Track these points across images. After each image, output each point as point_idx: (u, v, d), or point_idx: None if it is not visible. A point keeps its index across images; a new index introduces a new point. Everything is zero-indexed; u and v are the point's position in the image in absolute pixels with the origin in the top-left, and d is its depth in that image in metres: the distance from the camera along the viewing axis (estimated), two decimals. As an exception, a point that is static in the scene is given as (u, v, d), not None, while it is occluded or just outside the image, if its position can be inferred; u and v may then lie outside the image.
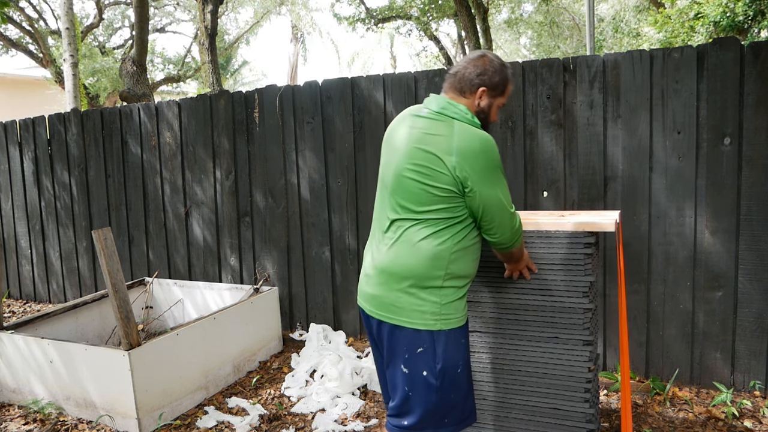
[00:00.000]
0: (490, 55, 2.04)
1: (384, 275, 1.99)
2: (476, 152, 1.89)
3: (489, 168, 1.91)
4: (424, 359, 1.98)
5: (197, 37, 13.03)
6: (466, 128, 1.93)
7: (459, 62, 2.07)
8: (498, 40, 21.15)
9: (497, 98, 2.04)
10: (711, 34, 7.97)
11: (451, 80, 2.04)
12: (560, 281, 2.29)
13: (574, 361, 2.30)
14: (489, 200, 1.93)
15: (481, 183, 1.90)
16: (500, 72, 2.02)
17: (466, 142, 1.90)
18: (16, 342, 3.39)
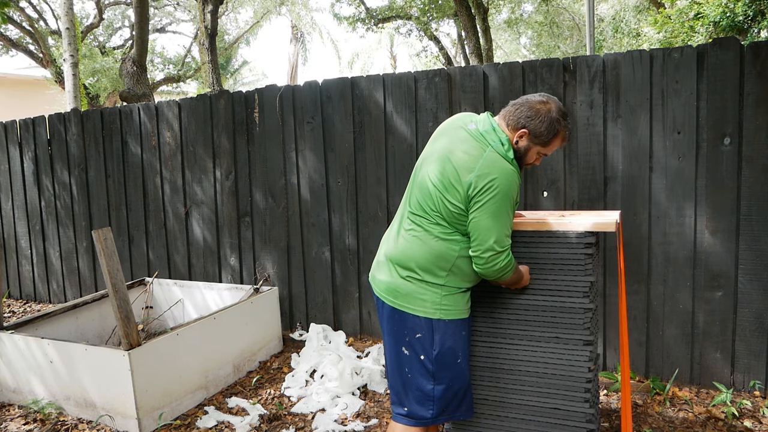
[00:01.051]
0: (552, 104, 2.08)
1: (393, 263, 2.14)
2: (491, 180, 1.97)
3: (497, 199, 1.97)
4: (421, 344, 2.10)
5: (197, 37, 13.03)
6: (495, 157, 2.01)
7: (529, 96, 2.13)
8: (498, 40, 21.15)
9: (538, 146, 2.09)
10: (711, 34, 7.97)
11: (509, 109, 2.12)
12: (560, 281, 2.29)
13: (574, 361, 2.30)
14: (483, 230, 2.00)
15: (483, 210, 1.98)
16: (550, 124, 2.05)
17: (487, 169, 1.99)
18: (16, 342, 3.39)
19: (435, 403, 2.13)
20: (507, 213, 2.02)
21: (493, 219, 1.99)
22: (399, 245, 2.14)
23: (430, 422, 2.16)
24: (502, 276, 2.09)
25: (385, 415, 3.14)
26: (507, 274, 2.09)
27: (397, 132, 3.86)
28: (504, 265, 2.06)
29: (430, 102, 3.72)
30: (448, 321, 2.10)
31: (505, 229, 2.03)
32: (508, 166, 2.01)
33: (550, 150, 2.12)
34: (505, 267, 2.06)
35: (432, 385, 2.11)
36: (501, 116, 2.13)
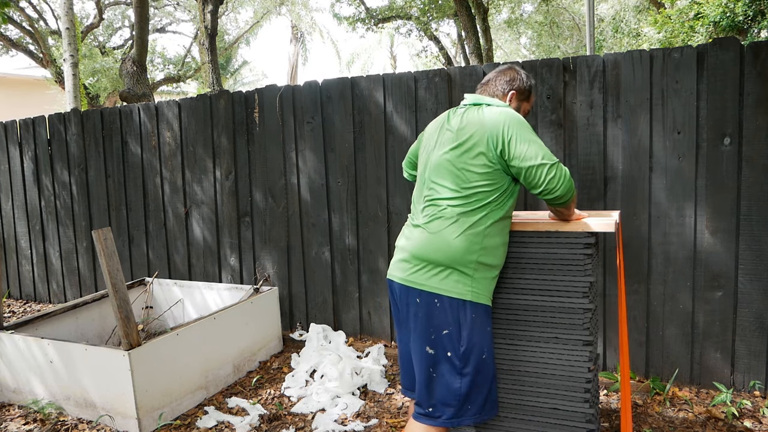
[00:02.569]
0: (517, 67, 2.40)
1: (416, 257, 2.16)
2: (505, 122, 2.09)
3: (520, 131, 2.07)
4: (449, 340, 2.08)
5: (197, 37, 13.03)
6: (493, 108, 2.16)
7: (490, 74, 2.38)
8: (498, 40, 21.15)
9: (523, 102, 2.34)
10: (711, 34, 7.97)
11: (483, 89, 2.35)
12: (560, 281, 2.29)
13: (574, 361, 2.30)
14: (530, 159, 2.05)
15: (517, 146, 2.06)
16: (527, 79, 2.35)
17: (493, 116, 2.12)
18: (16, 342, 3.39)
19: (461, 401, 2.10)
20: (533, 135, 2.12)
21: (530, 144, 2.07)
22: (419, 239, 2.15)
23: (454, 423, 2.11)
24: (568, 189, 2.09)
25: (385, 415, 3.14)
26: (569, 185, 2.10)
27: (397, 132, 3.86)
28: (565, 173, 2.08)
29: (430, 102, 3.72)
30: (477, 305, 2.10)
31: (544, 147, 2.10)
32: (508, 108, 2.17)
33: (531, 104, 2.38)
34: (566, 176, 2.08)
35: (459, 383, 2.09)
36: (483, 94, 2.33)
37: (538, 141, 2.10)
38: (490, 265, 2.13)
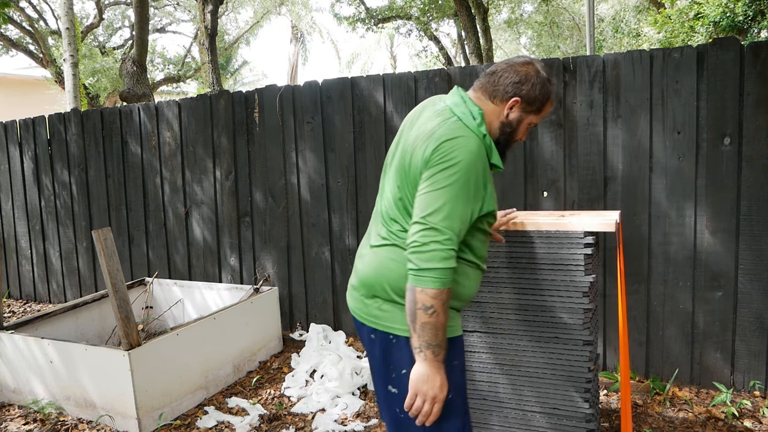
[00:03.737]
0: (537, 65, 1.74)
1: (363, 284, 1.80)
2: (450, 149, 1.59)
3: (454, 173, 1.57)
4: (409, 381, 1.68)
5: (197, 37, 13.03)
6: (460, 126, 1.64)
7: (501, 62, 1.78)
8: (498, 40, 21.16)
9: (530, 115, 1.74)
10: (711, 34, 7.97)
11: (485, 80, 1.76)
12: (560, 281, 2.29)
13: (574, 361, 2.30)
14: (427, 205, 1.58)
15: (433, 183, 1.59)
16: (543, 86, 1.71)
17: (447, 135, 1.61)
18: (16, 342, 3.39)
19: None
20: (464, 197, 1.58)
21: (444, 195, 1.56)
22: (369, 264, 1.77)
23: None
24: (429, 273, 1.53)
25: (385, 415, 3.14)
26: (437, 274, 1.53)
27: (397, 132, 3.86)
28: (437, 255, 1.53)
29: (430, 102, 3.71)
30: None
31: (457, 216, 1.57)
32: (475, 141, 1.62)
33: (541, 117, 1.78)
34: (438, 258, 1.53)
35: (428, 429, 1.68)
36: (476, 89, 1.76)
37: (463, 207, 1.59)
38: (452, 297, 1.69)
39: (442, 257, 1.53)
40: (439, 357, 1.57)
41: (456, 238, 1.57)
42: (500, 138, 1.74)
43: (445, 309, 1.56)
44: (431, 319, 1.54)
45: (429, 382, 1.57)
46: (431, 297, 1.53)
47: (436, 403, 1.58)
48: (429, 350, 1.56)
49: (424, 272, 1.53)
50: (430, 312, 1.54)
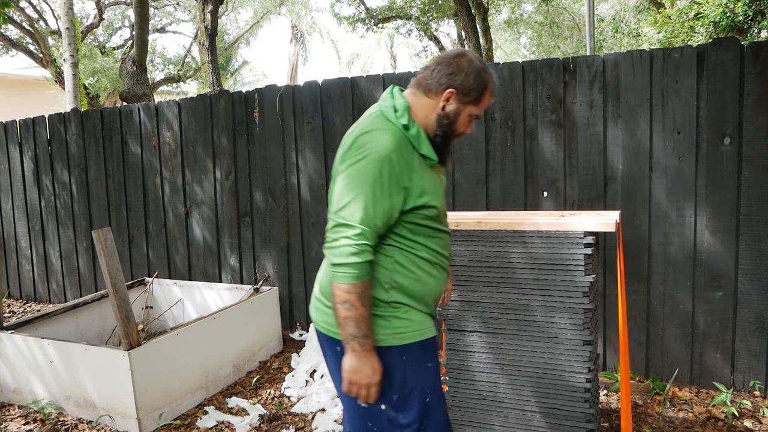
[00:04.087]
0: (470, 56, 1.71)
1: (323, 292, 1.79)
2: (363, 136, 1.60)
3: (363, 163, 1.55)
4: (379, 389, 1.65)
5: (197, 37, 13.03)
6: (378, 119, 1.65)
7: (436, 56, 1.80)
8: (498, 40, 21.15)
9: (469, 106, 1.70)
10: (711, 34, 7.97)
11: (421, 75, 1.74)
12: (560, 281, 2.30)
13: (574, 361, 2.30)
14: (337, 197, 1.59)
15: (343, 174, 1.59)
16: (477, 76, 1.68)
17: (364, 128, 1.63)
18: (16, 342, 3.39)
19: None
20: (377, 189, 1.55)
21: (354, 189, 1.55)
22: (321, 271, 1.78)
23: None
24: (341, 269, 1.54)
25: None
26: (348, 269, 1.53)
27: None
28: (347, 250, 1.53)
29: (430, 102, 3.71)
30: (407, 347, 1.65)
31: (369, 209, 1.54)
32: (391, 133, 1.60)
33: (482, 109, 1.73)
34: (347, 253, 1.53)
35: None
36: (412, 85, 1.74)
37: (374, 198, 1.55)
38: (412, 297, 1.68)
39: (351, 252, 1.53)
40: (366, 346, 1.58)
41: (370, 233, 1.55)
42: (438, 131, 1.70)
43: (363, 301, 1.56)
44: (350, 312, 1.55)
45: (360, 371, 1.60)
46: (345, 292, 1.54)
47: (371, 387, 1.61)
48: (354, 342, 1.58)
49: (337, 268, 1.55)
50: (347, 306, 1.55)
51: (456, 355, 2.52)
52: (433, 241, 1.72)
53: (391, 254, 1.66)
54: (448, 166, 3.72)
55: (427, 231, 1.70)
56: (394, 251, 1.66)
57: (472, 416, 2.50)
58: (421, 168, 1.65)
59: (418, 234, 1.68)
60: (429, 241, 1.71)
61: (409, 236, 1.67)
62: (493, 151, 3.57)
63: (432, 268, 1.72)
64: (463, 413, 2.52)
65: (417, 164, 1.63)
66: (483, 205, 3.63)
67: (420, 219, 1.66)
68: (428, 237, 1.71)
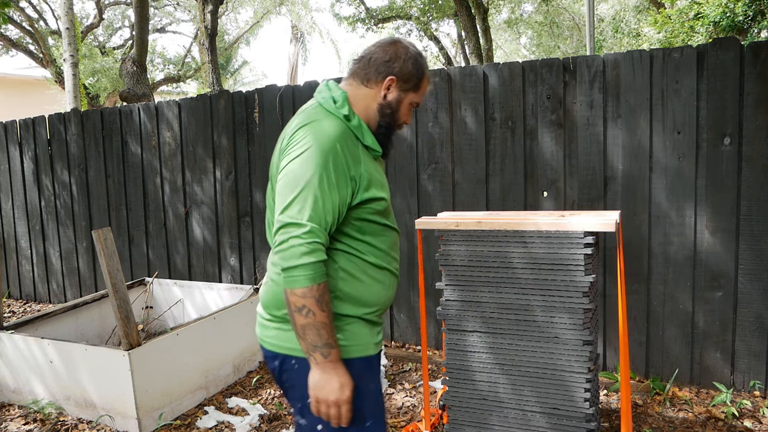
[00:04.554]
0: (405, 42, 1.66)
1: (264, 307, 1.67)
2: (303, 128, 1.51)
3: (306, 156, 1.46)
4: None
5: (197, 37, 13.03)
6: (318, 110, 1.57)
7: (368, 47, 1.69)
8: (498, 40, 21.17)
9: (409, 93, 1.64)
10: (711, 34, 7.97)
11: (355, 66, 1.65)
12: (560, 281, 2.30)
13: (574, 361, 2.30)
14: (280, 195, 1.47)
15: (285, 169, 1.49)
16: (415, 62, 1.62)
17: (303, 120, 1.53)
18: (16, 342, 3.39)
19: None
20: (324, 183, 1.44)
21: (298, 184, 1.44)
22: (265, 283, 1.66)
23: None
24: (293, 272, 1.40)
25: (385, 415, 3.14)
26: (301, 271, 1.40)
27: (396, 132, 3.86)
28: (297, 250, 1.40)
29: (430, 102, 3.71)
30: (346, 362, 1.49)
31: (317, 205, 1.43)
32: (333, 123, 1.52)
33: (421, 96, 1.67)
34: (298, 254, 1.40)
35: None
36: (347, 77, 1.67)
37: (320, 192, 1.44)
38: (358, 307, 1.56)
39: (303, 252, 1.40)
40: (331, 357, 1.44)
41: (320, 230, 1.43)
42: (381, 121, 1.62)
43: (322, 306, 1.42)
44: (308, 319, 1.41)
45: (327, 386, 1.44)
46: (300, 296, 1.40)
47: (342, 405, 1.45)
48: (317, 353, 1.43)
49: (289, 271, 1.41)
50: (305, 312, 1.41)
51: (456, 355, 2.52)
52: (381, 240, 1.61)
53: (335, 259, 1.53)
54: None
55: (375, 228, 1.59)
56: (339, 256, 1.53)
57: (472, 416, 2.50)
58: (366, 159, 1.56)
59: (365, 233, 1.56)
60: (377, 240, 1.59)
61: (356, 236, 1.55)
62: (493, 151, 3.57)
63: (380, 273, 1.60)
64: (463, 413, 2.52)
65: (361, 155, 1.55)
66: (483, 205, 3.63)
67: (368, 214, 1.56)
68: (376, 235, 1.59)
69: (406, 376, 3.60)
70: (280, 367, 1.62)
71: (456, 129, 3.66)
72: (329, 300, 1.45)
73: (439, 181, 3.75)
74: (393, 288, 1.66)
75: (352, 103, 1.61)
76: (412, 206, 3.86)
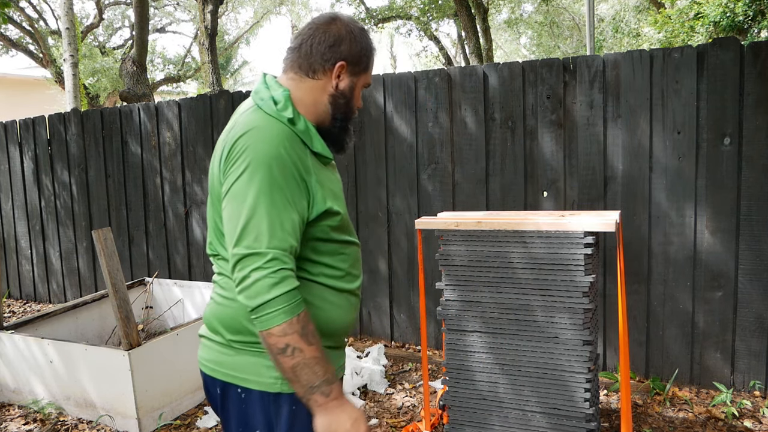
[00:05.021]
0: (344, 19, 1.43)
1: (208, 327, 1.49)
2: (240, 140, 1.29)
3: (249, 172, 1.25)
4: None
5: (197, 37, 13.03)
6: (256, 116, 1.34)
7: (302, 30, 1.46)
8: (498, 40, 21.17)
9: (361, 75, 1.44)
10: (711, 34, 7.97)
11: (293, 56, 1.43)
12: (560, 281, 2.30)
13: (574, 361, 2.30)
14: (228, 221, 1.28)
15: (229, 191, 1.28)
16: (362, 38, 1.42)
17: (239, 130, 1.31)
18: (16, 342, 3.39)
19: None
20: (278, 199, 1.25)
21: (249, 206, 1.24)
22: (209, 304, 1.48)
23: None
24: (265, 310, 1.21)
25: (385, 415, 3.14)
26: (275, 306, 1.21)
27: (397, 132, 3.86)
28: (263, 284, 1.21)
29: (430, 102, 3.72)
30: (293, 397, 1.33)
31: (275, 226, 1.24)
32: (276, 128, 1.30)
33: (370, 75, 1.48)
34: (265, 288, 1.21)
35: None
36: (286, 70, 1.44)
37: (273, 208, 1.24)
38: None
39: (270, 285, 1.20)
40: (332, 395, 1.26)
41: (285, 254, 1.24)
42: (337, 114, 1.43)
43: (308, 339, 1.23)
44: (297, 359, 1.22)
45: (339, 428, 1.26)
46: (280, 335, 1.21)
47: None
48: (316, 394, 1.25)
49: (258, 311, 1.21)
50: (290, 352, 1.22)
51: (456, 355, 2.52)
52: (340, 259, 1.41)
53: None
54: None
55: (332, 247, 1.39)
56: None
57: (472, 416, 2.51)
58: (317, 168, 1.36)
59: (322, 253, 1.37)
60: (335, 259, 1.40)
61: (312, 257, 1.36)
62: (493, 151, 3.57)
63: (340, 297, 1.41)
64: (463, 413, 2.52)
65: (311, 164, 1.34)
66: (483, 205, 3.63)
67: (324, 232, 1.37)
68: (334, 254, 1.40)
69: (406, 376, 3.60)
70: (222, 396, 1.42)
71: (456, 129, 3.66)
72: (314, 329, 1.26)
73: (439, 181, 3.75)
74: (354, 311, 1.46)
75: (297, 101, 1.39)
76: (412, 206, 3.86)
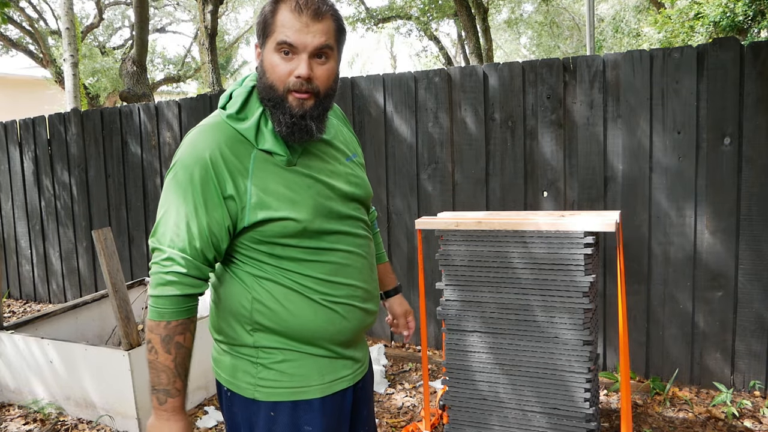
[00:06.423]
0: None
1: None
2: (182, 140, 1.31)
3: (171, 174, 1.27)
4: None
5: (197, 37, 13.04)
6: (207, 119, 1.33)
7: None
8: (498, 40, 21.17)
9: (267, 43, 1.26)
10: (711, 34, 7.97)
11: None
12: (560, 281, 2.30)
13: (574, 361, 2.30)
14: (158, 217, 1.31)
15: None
16: (261, 11, 1.29)
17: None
18: (16, 342, 3.39)
19: None
20: (187, 203, 1.23)
21: (163, 206, 1.27)
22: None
23: None
24: (150, 302, 1.26)
25: (385, 416, 3.14)
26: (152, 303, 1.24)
27: (397, 132, 3.86)
28: (154, 279, 1.25)
29: (430, 102, 3.72)
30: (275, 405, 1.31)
31: (179, 228, 1.23)
32: (208, 131, 1.26)
33: (283, 32, 1.22)
34: (153, 284, 1.25)
35: None
36: None
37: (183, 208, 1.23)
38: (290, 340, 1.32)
39: (156, 282, 1.23)
40: (166, 406, 1.24)
41: (185, 258, 1.22)
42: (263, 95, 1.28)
43: (168, 347, 1.23)
44: (151, 356, 1.24)
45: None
46: (149, 329, 1.24)
47: None
48: (153, 396, 1.25)
49: (150, 301, 1.25)
50: (149, 348, 1.24)
51: (456, 355, 2.52)
52: (311, 267, 1.30)
53: (249, 287, 1.30)
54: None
55: (294, 252, 1.29)
56: (253, 283, 1.30)
57: (472, 416, 2.51)
58: (265, 171, 1.26)
59: (282, 258, 1.29)
60: (303, 266, 1.30)
61: (270, 262, 1.29)
62: (493, 151, 3.57)
63: (313, 305, 1.31)
64: (463, 413, 2.52)
65: (254, 166, 1.25)
66: (483, 205, 3.63)
67: (272, 237, 1.27)
68: (301, 261, 1.29)
69: (406, 376, 3.60)
70: (219, 395, 1.44)
71: (456, 129, 3.66)
72: (184, 344, 1.26)
73: (439, 181, 3.75)
74: (344, 321, 1.35)
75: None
76: (412, 206, 3.86)
